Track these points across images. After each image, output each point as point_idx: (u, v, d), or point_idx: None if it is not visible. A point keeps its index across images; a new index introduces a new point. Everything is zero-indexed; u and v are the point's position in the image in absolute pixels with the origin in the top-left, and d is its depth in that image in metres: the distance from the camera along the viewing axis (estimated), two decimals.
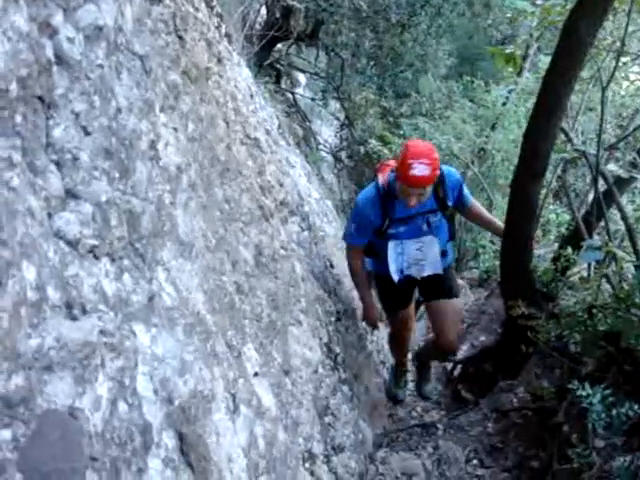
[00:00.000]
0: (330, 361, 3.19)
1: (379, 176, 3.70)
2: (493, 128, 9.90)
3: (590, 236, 3.93)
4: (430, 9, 9.00)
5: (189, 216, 1.84)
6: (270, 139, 3.78)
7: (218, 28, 3.28)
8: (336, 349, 3.36)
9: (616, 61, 4.18)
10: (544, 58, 8.02)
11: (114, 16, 1.48)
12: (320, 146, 10.95)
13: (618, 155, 5.21)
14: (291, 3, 8.60)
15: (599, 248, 3.26)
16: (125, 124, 1.48)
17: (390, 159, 4.44)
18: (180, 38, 2.22)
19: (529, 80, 9.64)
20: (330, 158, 11.33)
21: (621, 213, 4.00)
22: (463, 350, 4.92)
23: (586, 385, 2.60)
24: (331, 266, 4.18)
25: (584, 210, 4.67)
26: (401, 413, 4.59)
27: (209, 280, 1.89)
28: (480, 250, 8.57)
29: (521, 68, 9.04)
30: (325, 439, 2.74)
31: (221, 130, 2.56)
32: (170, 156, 1.79)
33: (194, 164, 2.02)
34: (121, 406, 1.22)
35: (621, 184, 4.17)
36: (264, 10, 9.07)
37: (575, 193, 7.25)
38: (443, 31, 9.81)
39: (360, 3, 8.56)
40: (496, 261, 6.16)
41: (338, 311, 3.78)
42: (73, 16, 1.30)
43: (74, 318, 1.14)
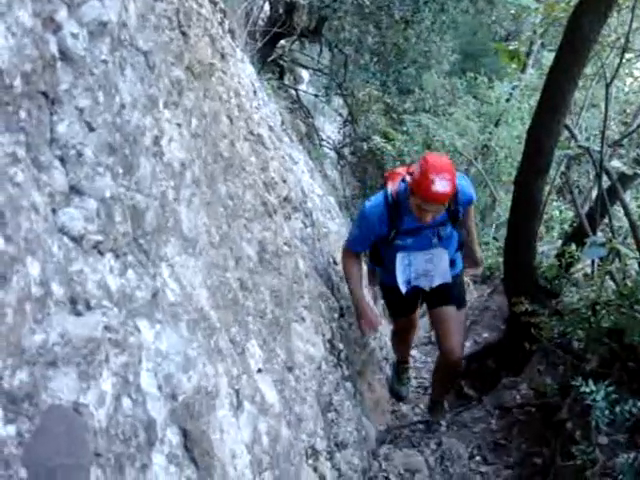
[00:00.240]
0: (333, 358, 3.18)
1: (389, 185, 3.55)
2: (497, 124, 9.90)
3: (594, 233, 3.93)
4: (434, 5, 8.96)
5: (193, 212, 1.84)
6: (273, 135, 3.77)
7: (221, 24, 3.27)
8: (339, 346, 3.36)
9: (620, 58, 4.18)
10: (548, 54, 8.03)
11: (118, 12, 1.47)
12: (323, 142, 10.95)
13: (622, 152, 5.22)
14: None
15: (603, 245, 3.26)
16: (129, 120, 1.48)
17: (400, 167, 4.20)
18: (184, 34, 2.21)
19: (533, 76, 9.65)
20: (333, 154, 11.33)
21: (625, 210, 4.01)
22: (466, 347, 4.91)
23: (589, 382, 2.59)
24: (334, 263, 4.17)
25: (588, 207, 4.68)
26: (404, 409, 4.59)
27: (213, 276, 1.89)
28: (483, 247, 8.56)
29: (525, 64, 9.04)
30: (328, 435, 2.74)
31: (225, 126, 2.55)
32: (174, 152, 1.79)
33: (198, 160, 2.02)
34: (125, 402, 1.22)
35: (625, 180, 4.17)
36: (267, 6, 9.05)
37: (579, 190, 7.24)
38: (447, 27, 9.76)
39: None
40: (499, 258, 6.16)
41: (341, 307, 3.78)
42: (77, 12, 1.30)
43: (78, 314, 1.14)
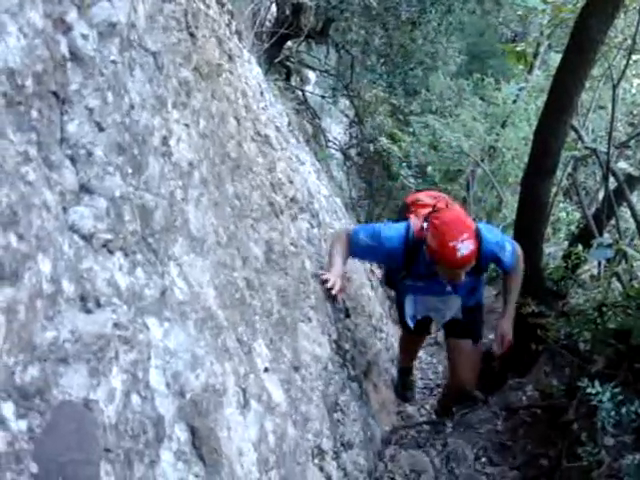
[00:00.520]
0: (339, 358, 3.19)
1: (412, 218, 3.33)
2: (503, 126, 9.88)
3: (600, 234, 3.92)
4: (440, 6, 8.95)
5: (200, 212, 1.85)
6: (280, 136, 3.78)
7: (229, 25, 3.29)
8: (345, 346, 3.36)
9: (627, 59, 4.18)
10: (555, 56, 8.02)
11: (127, 13, 1.49)
12: (330, 143, 10.96)
13: (629, 153, 5.21)
14: (301, 0, 8.60)
15: (609, 246, 3.26)
16: (138, 120, 1.49)
17: (422, 192, 3.88)
18: (191, 35, 2.23)
19: (540, 78, 9.62)
20: (339, 155, 11.33)
21: (632, 211, 4.01)
22: None
23: (596, 383, 2.59)
24: None
25: (594, 208, 4.67)
26: (410, 410, 4.59)
27: (220, 275, 1.91)
28: None
29: (532, 66, 9.01)
30: (334, 435, 2.74)
31: (232, 127, 2.57)
32: (182, 152, 1.81)
33: (205, 160, 2.03)
34: (134, 399, 1.24)
35: (632, 182, 4.17)
36: (274, 7, 9.07)
37: (585, 191, 7.23)
38: (453, 28, 9.75)
39: (370, 0, 8.54)
40: None
41: (347, 308, 3.78)
42: (87, 13, 1.31)
43: (88, 311, 1.15)
